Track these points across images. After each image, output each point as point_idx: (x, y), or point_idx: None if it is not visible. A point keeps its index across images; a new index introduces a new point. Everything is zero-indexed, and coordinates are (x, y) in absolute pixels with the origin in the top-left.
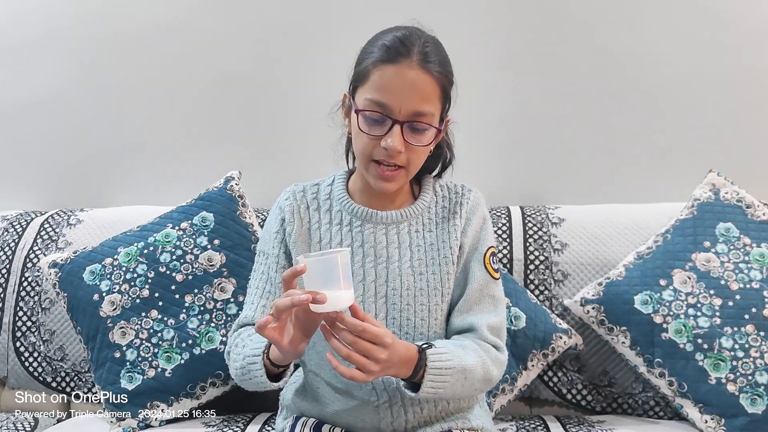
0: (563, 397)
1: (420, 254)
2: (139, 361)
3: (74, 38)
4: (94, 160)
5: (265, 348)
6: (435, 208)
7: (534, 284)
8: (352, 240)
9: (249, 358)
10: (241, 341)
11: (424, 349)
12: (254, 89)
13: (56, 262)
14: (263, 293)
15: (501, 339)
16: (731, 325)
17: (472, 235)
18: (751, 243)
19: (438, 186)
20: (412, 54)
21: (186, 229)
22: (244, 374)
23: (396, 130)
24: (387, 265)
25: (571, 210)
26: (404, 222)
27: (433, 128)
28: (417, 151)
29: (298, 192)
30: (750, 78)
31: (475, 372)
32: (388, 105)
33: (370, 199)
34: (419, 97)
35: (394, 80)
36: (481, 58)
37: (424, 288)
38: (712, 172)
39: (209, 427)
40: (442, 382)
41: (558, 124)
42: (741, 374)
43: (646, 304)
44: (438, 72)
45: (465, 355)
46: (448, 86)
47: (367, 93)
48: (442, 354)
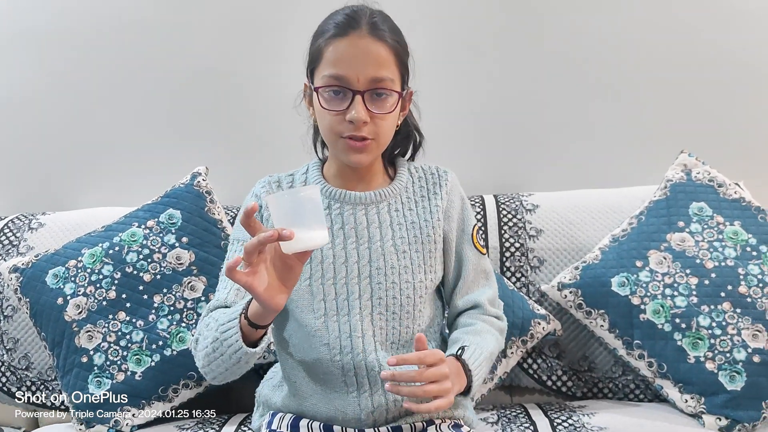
0: (543, 384)
1: (402, 232)
2: (108, 365)
3: (33, 39)
4: (56, 163)
5: (243, 310)
6: (412, 188)
7: (510, 271)
8: (332, 222)
9: (223, 326)
10: (213, 320)
11: (460, 356)
12: (218, 85)
13: (17, 266)
14: None
15: (499, 308)
16: (708, 304)
17: (457, 218)
18: (725, 221)
19: (413, 168)
20: (362, 25)
21: (152, 227)
22: (215, 350)
23: (357, 99)
24: (369, 245)
25: (545, 196)
26: (383, 202)
27: (395, 93)
28: (383, 119)
29: (273, 182)
30: (719, 60)
31: (495, 352)
32: (345, 76)
33: (346, 182)
34: (375, 64)
35: (348, 51)
36: (452, 47)
37: (408, 266)
38: (683, 153)
39: (183, 430)
40: (480, 376)
41: (528, 111)
42: (719, 352)
43: (623, 286)
44: (390, 38)
45: (484, 342)
46: (404, 54)
47: (324, 70)
48: (474, 351)
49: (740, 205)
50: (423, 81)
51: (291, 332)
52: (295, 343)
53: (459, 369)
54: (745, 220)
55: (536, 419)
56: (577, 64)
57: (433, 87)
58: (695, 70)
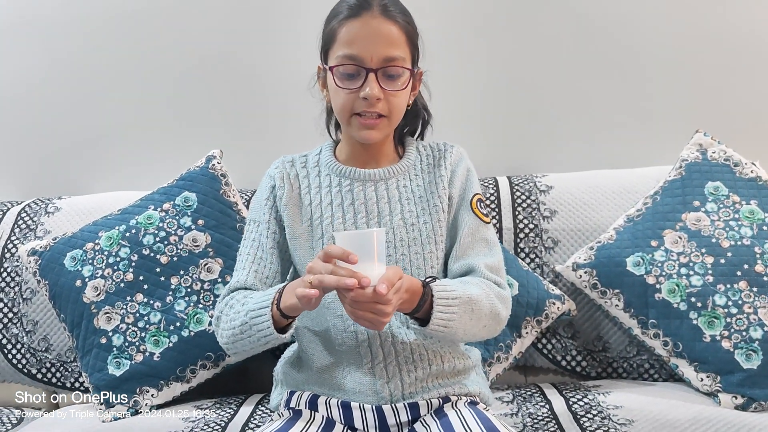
0: (558, 364)
1: (410, 206)
2: (126, 346)
3: (45, 25)
4: (71, 148)
5: (274, 300)
6: (421, 165)
7: (524, 252)
8: (342, 199)
9: (253, 312)
10: (238, 302)
11: (428, 283)
12: (231, 69)
13: (35, 249)
14: (254, 259)
15: (501, 277)
16: (724, 283)
17: (459, 186)
18: (741, 200)
19: (421, 146)
20: (373, 6)
21: (168, 210)
22: (243, 331)
23: (371, 77)
24: (379, 219)
25: (559, 177)
26: (392, 178)
27: (407, 71)
28: (396, 96)
29: (287, 162)
30: (732, 38)
31: (482, 303)
32: (359, 56)
33: (357, 161)
34: (387, 43)
35: (361, 31)
36: (460, 28)
37: (417, 237)
38: (698, 132)
39: (201, 410)
40: (451, 313)
41: (541, 92)
42: (735, 330)
43: (638, 265)
44: (401, 19)
45: (468, 288)
46: (414, 35)
47: (338, 50)
48: (446, 285)
49: (756, 184)
50: (436, 63)
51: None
52: (312, 316)
53: (416, 292)
54: (762, 199)
55: (551, 398)
56: (590, 45)
57: (447, 69)
58: (709, 48)
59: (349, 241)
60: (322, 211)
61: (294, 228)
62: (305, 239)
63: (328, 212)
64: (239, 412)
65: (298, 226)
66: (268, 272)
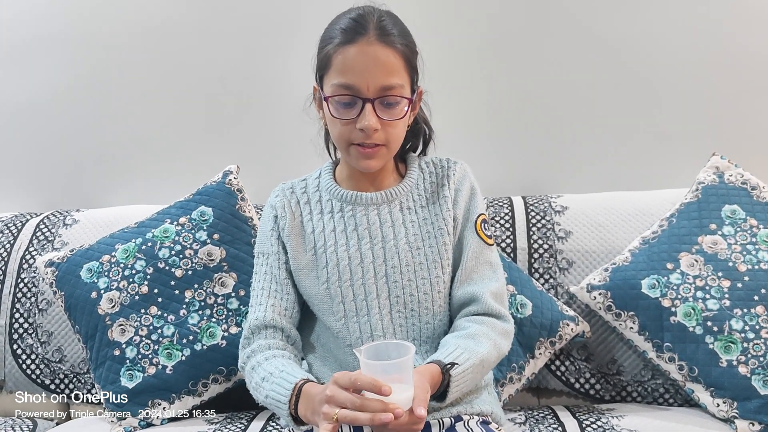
0: (571, 387)
1: (415, 229)
2: (140, 358)
3: (67, 40)
4: (90, 162)
5: (291, 403)
6: (423, 184)
7: (539, 273)
8: (345, 225)
9: (273, 401)
10: (257, 373)
11: (447, 370)
12: (248, 85)
13: (52, 260)
14: (270, 293)
15: (504, 305)
16: (741, 307)
17: (463, 206)
18: (758, 224)
19: (423, 163)
20: (369, 30)
21: (184, 224)
22: (267, 404)
23: (368, 108)
24: (383, 244)
25: (574, 198)
26: (394, 201)
27: (405, 99)
28: (394, 126)
29: (287, 189)
30: (749, 61)
31: (490, 357)
32: (355, 85)
33: (357, 183)
34: (384, 71)
35: (357, 59)
36: (477, 48)
37: (423, 262)
38: (715, 155)
39: (212, 424)
40: (464, 383)
41: (557, 113)
42: (752, 356)
43: (653, 288)
44: (399, 44)
45: (478, 346)
46: (412, 56)
47: (333, 78)
48: (462, 364)
49: None
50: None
51: (319, 333)
52: (323, 343)
53: (435, 384)
54: None
55: (564, 420)
56: (608, 66)
57: (463, 87)
58: (727, 71)
59: (382, 370)
60: (325, 239)
61: (298, 259)
62: (310, 269)
63: (332, 239)
64: (250, 427)
65: (302, 257)
66: (286, 304)
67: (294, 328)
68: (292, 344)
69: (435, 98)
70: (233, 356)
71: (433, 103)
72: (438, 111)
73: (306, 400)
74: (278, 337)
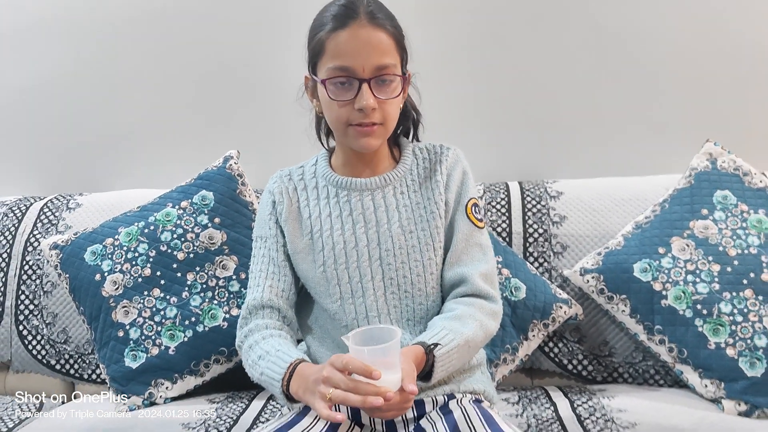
0: (564, 368)
1: (408, 213)
2: (143, 339)
3: (70, 25)
4: (92, 146)
5: (285, 381)
6: (417, 169)
7: (533, 256)
8: (341, 210)
9: (267, 378)
10: (254, 352)
11: (431, 350)
12: (248, 72)
13: (57, 243)
14: (268, 274)
15: (493, 287)
16: (730, 291)
17: (455, 190)
18: (749, 210)
19: (417, 149)
20: (360, 15)
21: (186, 208)
22: (261, 382)
23: (365, 88)
24: (377, 228)
25: (570, 184)
26: (388, 186)
27: (398, 77)
28: (390, 104)
29: (284, 176)
30: (744, 50)
31: (476, 338)
32: (351, 67)
33: (353, 170)
34: (378, 52)
35: (351, 42)
36: (474, 35)
37: (415, 245)
38: (709, 142)
39: (214, 403)
40: (450, 362)
41: (554, 99)
42: (740, 338)
43: (645, 272)
44: (389, 25)
45: (463, 327)
46: (401, 38)
47: (329, 62)
48: (446, 345)
49: (765, 193)
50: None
51: (317, 315)
52: (321, 325)
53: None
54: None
55: (556, 400)
56: (605, 53)
57: (461, 74)
58: (722, 60)
59: (370, 355)
60: (321, 223)
61: (295, 243)
62: (307, 253)
63: (327, 224)
64: (251, 406)
65: (299, 241)
66: (283, 285)
67: (291, 310)
68: (288, 325)
69: (433, 85)
70: (234, 337)
71: (432, 89)
72: (436, 98)
73: (299, 379)
74: (275, 317)
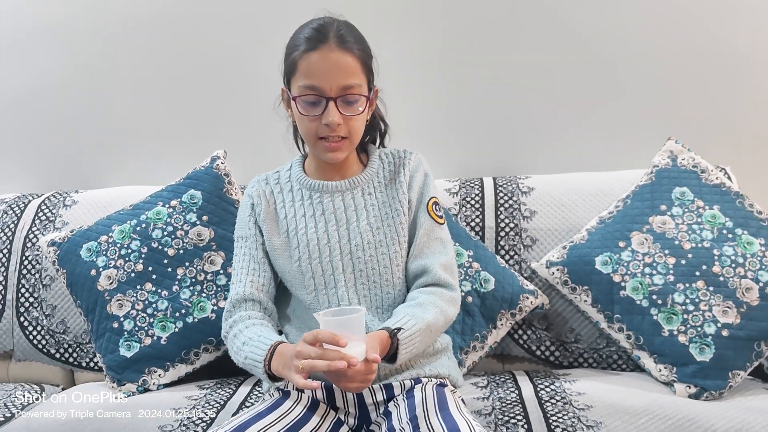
0: (533, 354)
1: (375, 212)
2: (136, 330)
3: (65, 28)
4: (88, 145)
5: (266, 361)
6: (383, 172)
7: (504, 249)
8: (314, 210)
9: (251, 361)
10: (238, 339)
11: (395, 333)
12: (235, 75)
13: (54, 240)
14: (249, 271)
15: (453, 276)
16: (683, 282)
17: (417, 190)
18: (704, 205)
19: (383, 154)
20: (329, 38)
21: (176, 206)
22: (245, 365)
23: (331, 106)
24: (347, 226)
25: (541, 179)
26: (357, 188)
27: (363, 97)
28: (355, 120)
29: (262, 180)
30: (707, 49)
31: (437, 323)
32: (319, 87)
33: (325, 174)
34: (344, 73)
35: (320, 64)
36: (444, 34)
37: (382, 239)
38: (670, 140)
39: (203, 389)
40: (412, 345)
41: (527, 98)
42: (691, 326)
43: (606, 264)
44: (356, 49)
45: (424, 313)
46: (368, 60)
47: (300, 81)
48: (408, 329)
49: (720, 190)
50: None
51: (294, 306)
52: (299, 315)
53: (385, 346)
54: (724, 205)
55: (521, 384)
56: (573, 54)
57: (433, 75)
58: (686, 59)
59: (335, 325)
60: (296, 223)
61: (272, 241)
62: (283, 249)
63: (302, 223)
64: (237, 391)
65: (276, 239)
66: (263, 280)
67: (270, 302)
68: (269, 315)
69: (410, 87)
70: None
71: (406, 91)
72: (411, 99)
73: (279, 357)
74: (257, 309)
